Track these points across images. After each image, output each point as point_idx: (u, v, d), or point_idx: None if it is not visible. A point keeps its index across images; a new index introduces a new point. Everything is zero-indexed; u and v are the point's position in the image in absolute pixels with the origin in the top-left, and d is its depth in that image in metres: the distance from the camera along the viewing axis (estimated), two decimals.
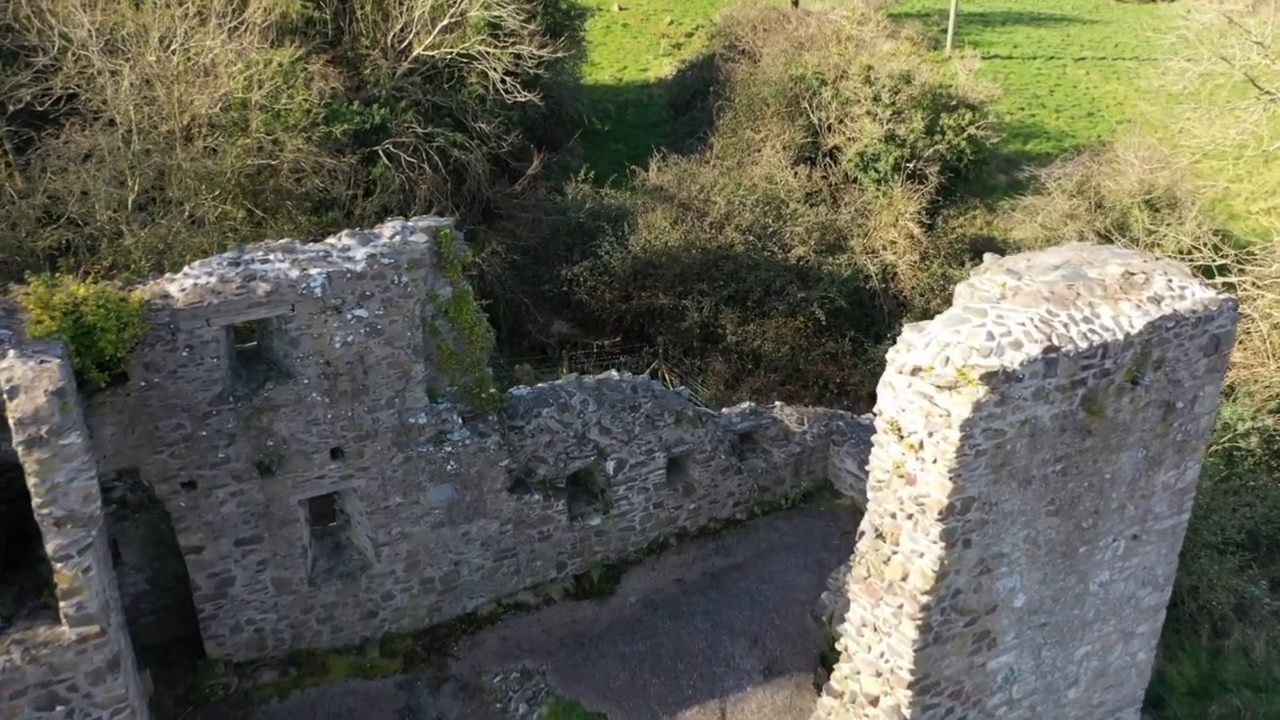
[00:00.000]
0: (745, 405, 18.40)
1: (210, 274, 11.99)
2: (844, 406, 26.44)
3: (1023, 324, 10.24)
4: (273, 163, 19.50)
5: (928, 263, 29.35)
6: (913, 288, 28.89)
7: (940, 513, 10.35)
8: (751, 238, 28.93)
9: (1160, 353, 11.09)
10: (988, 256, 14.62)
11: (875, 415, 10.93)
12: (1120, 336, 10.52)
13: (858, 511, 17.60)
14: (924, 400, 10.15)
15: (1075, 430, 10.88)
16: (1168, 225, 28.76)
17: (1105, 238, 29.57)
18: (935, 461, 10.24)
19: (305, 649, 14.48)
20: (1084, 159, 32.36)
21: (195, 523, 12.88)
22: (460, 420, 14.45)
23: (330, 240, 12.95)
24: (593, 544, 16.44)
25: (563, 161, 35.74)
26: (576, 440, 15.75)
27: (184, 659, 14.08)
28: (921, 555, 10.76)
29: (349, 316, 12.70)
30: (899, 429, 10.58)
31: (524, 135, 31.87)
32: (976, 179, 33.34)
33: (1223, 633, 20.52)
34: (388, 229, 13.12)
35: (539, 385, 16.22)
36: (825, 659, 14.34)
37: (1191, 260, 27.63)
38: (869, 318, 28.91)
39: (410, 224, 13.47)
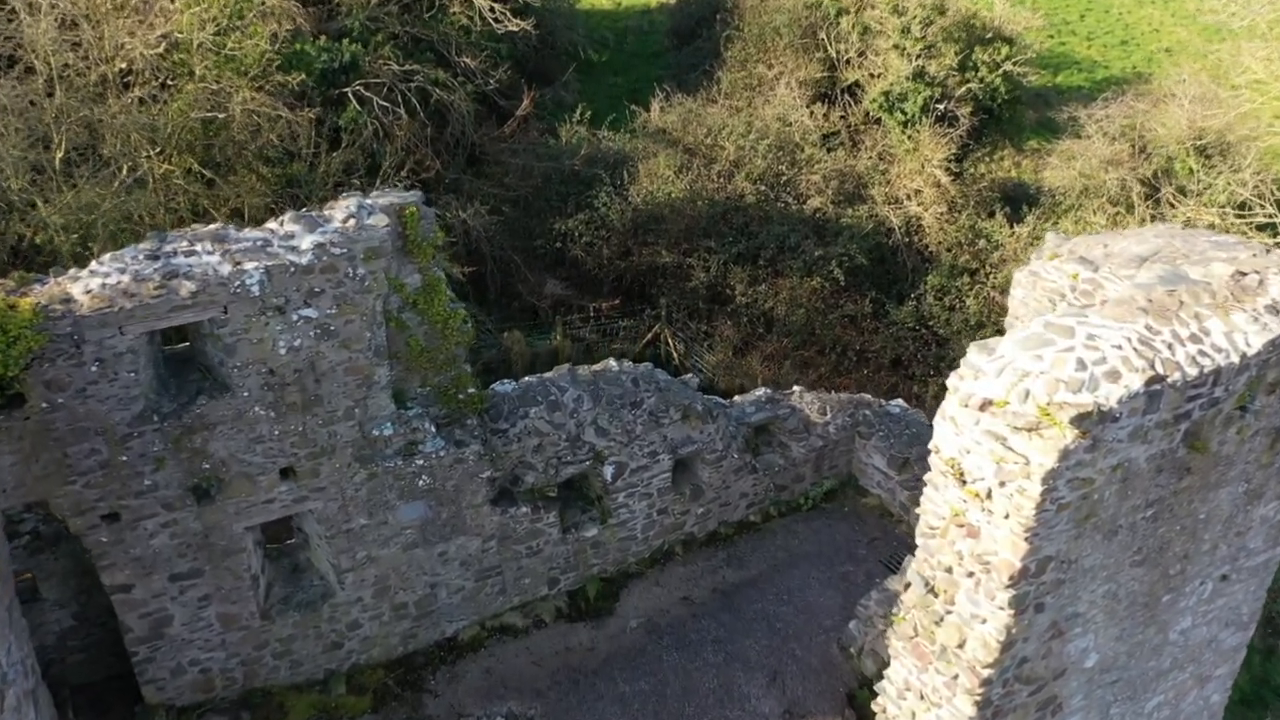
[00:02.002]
0: (760, 393, 16.60)
1: (123, 271, 10.08)
2: (864, 375, 24.71)
3: (1119, 347, 8.37)
4: (221, 115, 17.34)
5: (955, 214, 27.23)
6: (939, 242, 26.83)
7: (1011, 577, 8.63)
8: (763, 187, 26.80)
9: (1277, 374, 9.26)
10: (1049, 236, 12.70)
11: (932, 451, 9.13)
12: (1235, 359, 8.67)
13: (885, 513, 15.98)
14: (995, 443, 8.34)
15: (1173, 470, 9.11)
16: (1219, 174, 26.60)
17: (1150, 186, 27.45)
18: (1007, 517, 8.47)
19: (260, 688, 12.94)
20: (1127, 98, 29.95)
21: (121, 559, 11.19)
22: (434, 428, 12.67)
23: (270, 225, 10.99)
24: (588, 556, 14.81)
25: (556, 97, 33.33)
26: (569, 443, 13.99)
27: (120, 702, 12.53)
28: (984, 621, 9.07)
29: (295, 318, 10.82)
30: (960, 472, 8.79)
31: (513, 70, 29.48)
32: (1010, 120, 31.01)
33: (1277, 631, 19.19)
34: (340, 210, 11.15)
35: (526, 380, 14.39)
36: (854, 699, 12.81)
37: (1248, 216, 25.60)
38: (890, 275, 26.92)
39: (368, 202, 11.50)
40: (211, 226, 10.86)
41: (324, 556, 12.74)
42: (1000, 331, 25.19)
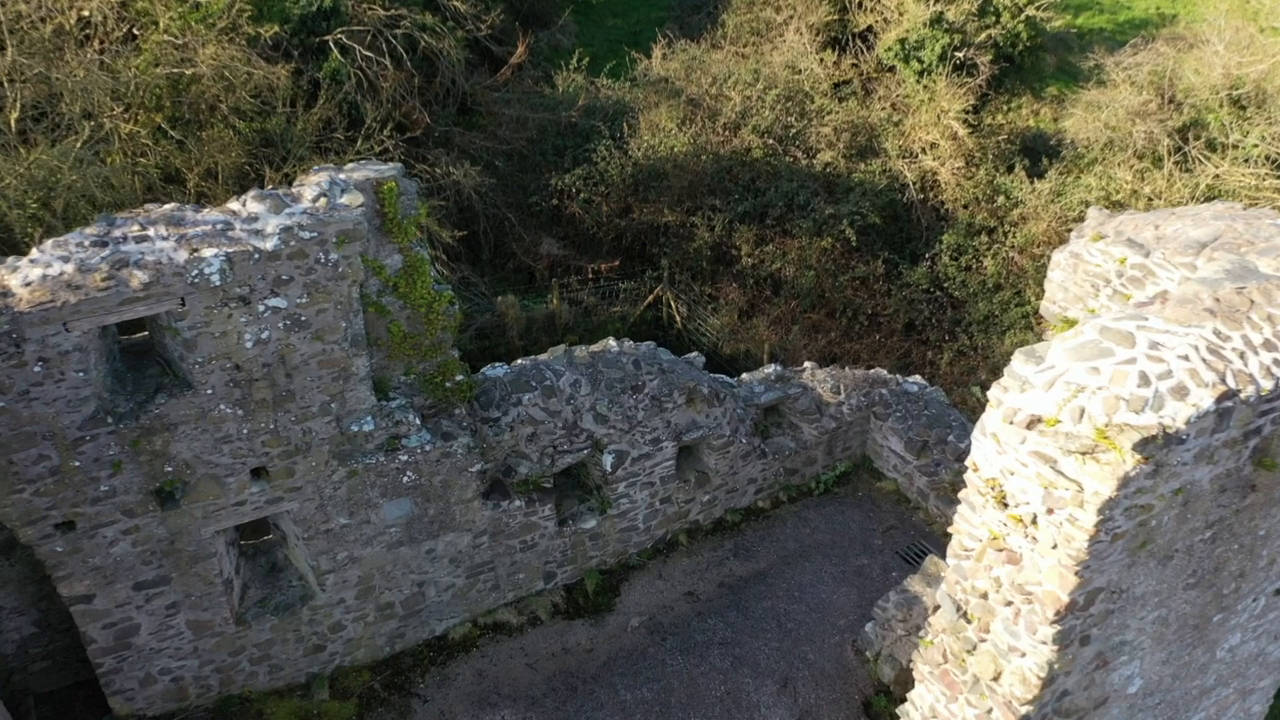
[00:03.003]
0: (769, 370, 15.69)
1: (66, 260, 9.10)
2: (875, 340, 23.81)
3: (1186, 358, 7.44)
4: (188, 71, 16.14)
5: (973, 169, 26.06)
6: (955, 199, 25.70)
7: (1057, 612, 7.81)
8: (771, 141, 25.60)
9: None
10: (1091, 212, 11.69)
11: (969, 469, 8.25)
12: None
13: (901, 499, 15.18)
14: (1044, 465, 7.45)
15: (1236, 489, 8.24)
16: (1254, 127, 25.35)
17: (1179, 139, 26.21)
18: (1054, 547, 7.62)
19: (238, 694, 12.25)
20: (1157, 44, 28.54)
21: (79, 569, 10.39)
22: (418, 420, 11.78)
23: (232, 206, 9.97)
24: (586, 549, 14.04)
25: (552, 41, 31.94)
26: (566, 431, 13.13)
27: (88, 710, 11.86)
28: (1023, 655, 8.28)
29: (261, 308, 9.87)
30: (1002, 495, 7.92)
31: (506, 13, 28.06)
32: (1032, 68, 29.63)
33: None
34: (309, 187, 10.12)
35: (518, 363, 13.47)
36: (870, 707, 12.12)
37: None
38: (904, 234, 25.85)
39: (342, 177, 10.47)
40: (166, 207, 9.84)
41: (303, 558, 11.95)
42: (1018, 294, 24.33)
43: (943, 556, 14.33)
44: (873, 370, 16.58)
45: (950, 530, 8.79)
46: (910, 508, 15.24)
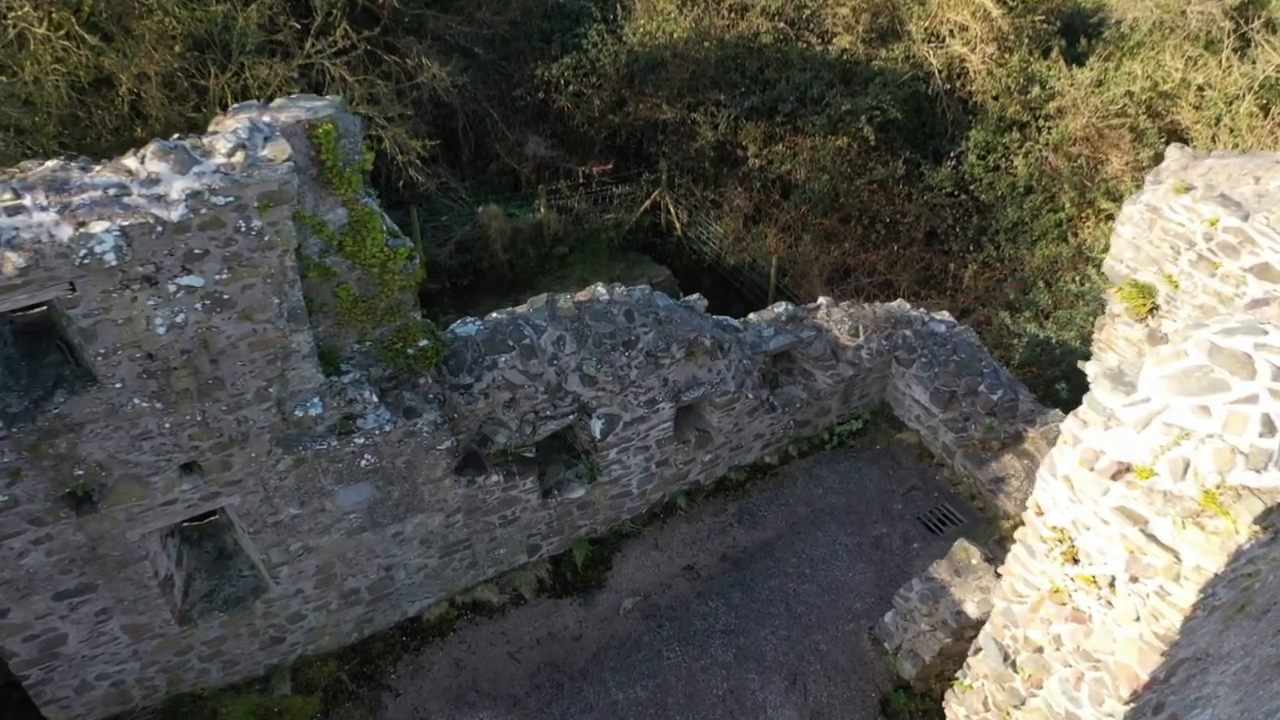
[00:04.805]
0: (779, 310, 14.13)
1: None
2: (894, 250, 22.11)
3: None
4: None
5: (1006, 55, 23.74)
6: (984, 90, 23.48)
7: (1134, 691, 6.55)
8: (782, 24, 23.25)
9: None
10: (1172, 152, 9.94)
11: (1034, 514, 6.85)
12: None
13: (924, 453, 13.90)
14: (1130, 526, 6.06)
15: None
16: None
17: (1240, 17, 23.78)
18: (1137, 619, 6.30)
19: (189, 693, 11.23)
20: None
21: None
22: (375, 396, 10.33)
23: (128, 163, 8.23)
24: (575, 518, 12.83)
25: None
26: (548, 395, 11.71)
27: (21, 716, 10.84)
28: None
29: (173, 288, 8.29)
30: (1072, 550, 6.54)
31: None
32: None
33: None
34: (223, 137, 8.36)
35: (493, 318, 11.91)
36: (888, 705, 11.11)
37: None
38: (927, 130, 23.78)
39: (264, 121, 8.69)
40: (47, 166, 8.11)
41: (251, 549, 10.71)
42: (1050, 199, 22.35)
43: (968, 523, 13.13)
44: (894, 305, 15.00)
45: (1001, 572, 7.46)
46: (933, 464, 13.96)
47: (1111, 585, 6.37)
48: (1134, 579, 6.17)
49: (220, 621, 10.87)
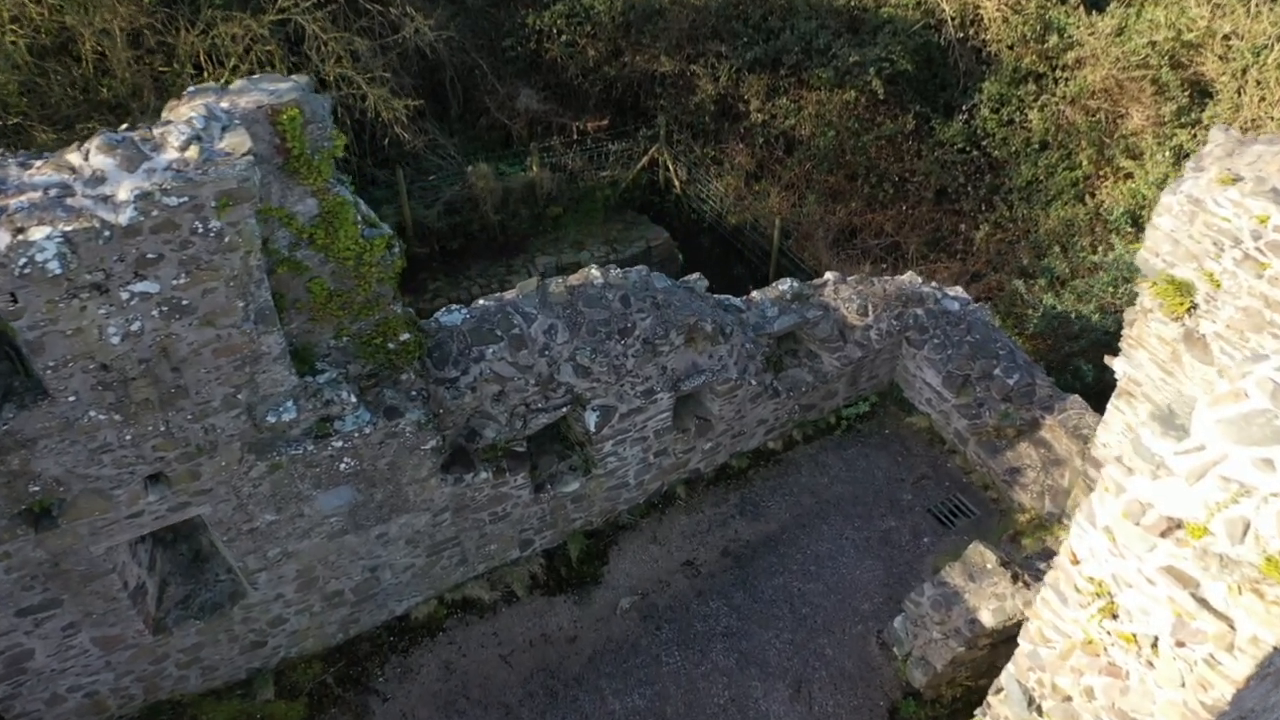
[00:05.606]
0: (785, 286, 13.46)
1: None
2: (902, 210, 21.32)
3: None
4: None
5: (1023, 1, 22.65)
6: (999, 38, 22.44)
7: None
8: None
9: None
10: (1215, 134, 9.22)
11: (1068, 561, 6.30)
12: None
13: (935, 439, 13.36)
14: (1179, 588, 5.51)
15: None
16: None
17: None
18: (1182, 685, 5.78)
19: (168, 700, 10.82)
20: None
21: None
22: (354, 397, 9.72)
23: (71, 159, 7.50)
24: (569, 512, 12.32)
25: None
26: (540, 387, 11.11)
27: None
28: None
29: (125, 296, 7.63)
30: (1111, 605, 6.00)
31: None
32: None
33: None
34: (175, 129, 7.62)
35: (480, 306, 11.25)
36: (897, 713, 10.71)
37: None
38: (938, 82, 22.80)
39: (223, 107, 7.95)
40: None
41: (228, 555, 10.19)
42: (1067, 156, 21.51)
43: (981, 515, 12.63)
44: (905, 279, 14.33)
45: (1028, 614, 6.93)
46: (945, 450, 13.41)
47: (1154, 647, 5.85)
48: (1180, 644, 5.65)
49: (197, 629, 10.41)
